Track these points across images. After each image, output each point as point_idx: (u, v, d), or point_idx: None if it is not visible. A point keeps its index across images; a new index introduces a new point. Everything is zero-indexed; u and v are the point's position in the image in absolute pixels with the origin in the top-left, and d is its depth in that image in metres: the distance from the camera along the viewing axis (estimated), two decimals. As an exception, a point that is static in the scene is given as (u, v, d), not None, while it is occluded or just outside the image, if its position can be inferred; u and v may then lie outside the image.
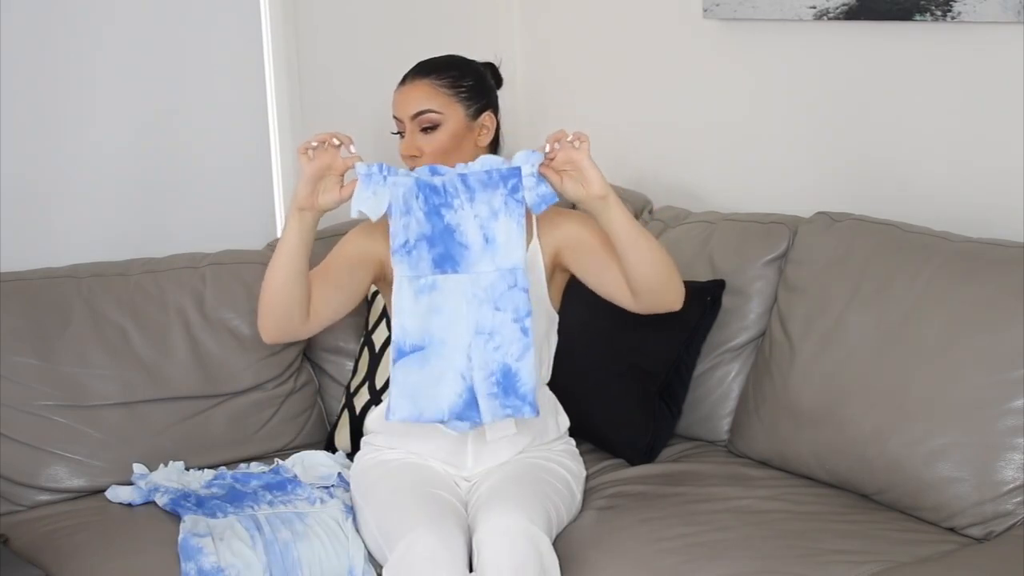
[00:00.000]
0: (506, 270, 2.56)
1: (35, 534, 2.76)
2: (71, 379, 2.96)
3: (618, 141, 3.75)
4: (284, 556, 2.60)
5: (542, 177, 2.55)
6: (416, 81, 2.77)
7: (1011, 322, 2.56)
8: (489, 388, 2.57)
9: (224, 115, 3.53)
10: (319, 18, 3.64)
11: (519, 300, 2.56)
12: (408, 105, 2.76)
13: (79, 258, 3.16)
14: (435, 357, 2.57)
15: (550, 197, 2.56)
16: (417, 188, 2.55)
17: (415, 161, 2.73)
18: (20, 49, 3.23)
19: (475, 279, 2.57)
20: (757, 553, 2.47)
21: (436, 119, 2.74)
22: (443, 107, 2.74)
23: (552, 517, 2.60)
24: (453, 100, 2.75)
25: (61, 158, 3.32)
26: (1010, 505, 2.51)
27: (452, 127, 2.74)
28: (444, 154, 2.73)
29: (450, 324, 2.57)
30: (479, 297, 2.57)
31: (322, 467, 2.94)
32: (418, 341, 2.57)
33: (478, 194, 2.56)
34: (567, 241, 2.73)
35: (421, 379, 2.57)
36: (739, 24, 3.36)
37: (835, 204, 3.07)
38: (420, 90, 2.75)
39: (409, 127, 2.75)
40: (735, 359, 3.06)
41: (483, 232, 2.56)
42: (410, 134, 2.75)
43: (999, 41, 2.83)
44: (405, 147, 2.76)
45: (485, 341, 2.56)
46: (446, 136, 2.74)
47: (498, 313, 2.56)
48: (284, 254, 2.60)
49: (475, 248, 2.57)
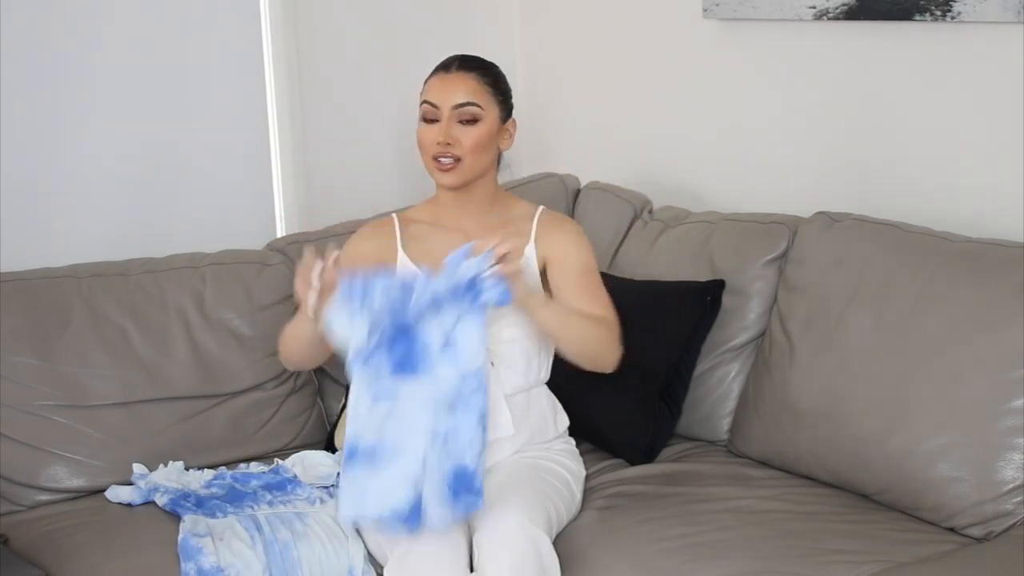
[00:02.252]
0: (470, 373, 2.51)
1: (35, 534, 2.76)
2: (71, 379, 2.96)
3: (618, 141, 3.75)
4: (284, 556, 2.60)
5: (500, 278, 2.50)
6: (462, 72, 2.76)
7: (1011, 322, 2.56)
8: (441, 496, 2.47)
9: (224, 115, 3.53)
10: (319, 18, 3.64)
11: (481, 400, 2.51)
12: (453, 94, 2.73)
13: (79, 258, 3.16)
14: (387, 463, 2.48)
15: (507, 294, 2.52)
16: (388, 304, 2.48)
17: (449, 150, 2.71)
18: (20, 49, 3.23)
19: (436, 383, 2.50)
20: (757, 553, 2.47)
21: (478, 114, 2.73)
22: (485, 104, 2.75)
23: (552, 517, 2.60)
24: (493, 100, 2.76)
25: (61, 158, 3.33)
26: (1010, 505, 2.51)
27: (489, 125, 2.75)
28: (479, 151, 2.73)
29: (407, 431, 2.49)
30: (439, 401, 2.50)
31: (322, 467, 2.94)
32: (372, 444, 2.49)
33: (444, 306, 2.50)
34: (554, 255, 2.77)
35: (370, 482, 2.49)
36: (739, 24, 3.36)
37: (835, 204, 3.07)
38: (466, 82, 2.74)
39: (448, 115, 2.73)
40: (735, 359, 3.06)
41: (445, 336, 2.50)
42: (447, 122, 2.72)
43: (999, 41, 2.83)
44: (440, 134, 2.72)
45: (442, 444, 2.49)
46: (484, 132, 2.74)
47: (458, 415, 2.50)
48: (299, 339, 2.66)
49: (436, 352, 2.51)
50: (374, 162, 3.75)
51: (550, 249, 2.78)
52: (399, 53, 3.74)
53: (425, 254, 2.80)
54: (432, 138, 2.73)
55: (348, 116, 3.71)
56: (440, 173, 2.75)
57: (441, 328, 2.51)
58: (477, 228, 2.80)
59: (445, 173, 2.74)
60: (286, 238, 3.39)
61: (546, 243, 2.78)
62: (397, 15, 3.77)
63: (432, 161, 2.75)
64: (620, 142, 3.74)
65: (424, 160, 2.77)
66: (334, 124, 3.69)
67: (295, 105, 3.60)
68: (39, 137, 3.29)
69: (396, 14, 3.77)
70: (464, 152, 2.72)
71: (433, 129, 2.74)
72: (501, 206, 2.84)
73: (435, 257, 2.79)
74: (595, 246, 3.20)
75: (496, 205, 2.83)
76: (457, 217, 2.81)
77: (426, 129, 2.75)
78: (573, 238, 2.80)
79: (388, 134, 3.72)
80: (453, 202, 2.81)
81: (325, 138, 3.68)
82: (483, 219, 2.81)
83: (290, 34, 3.57)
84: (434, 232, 2.83)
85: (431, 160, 2.75)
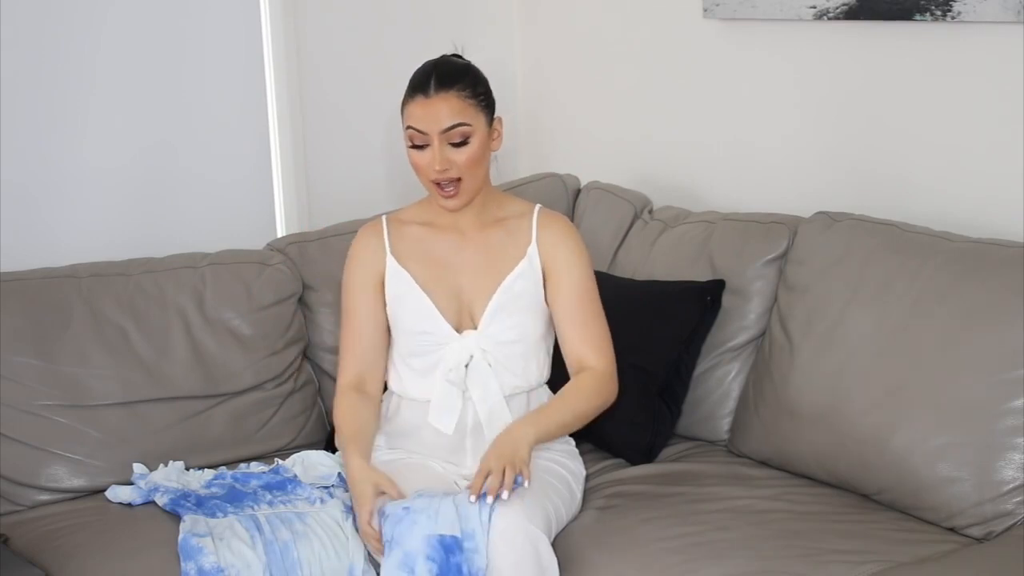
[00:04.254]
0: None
1: (35, 534, 2.76)
2: (71, 379, 2.96)
3: (618, 141, 3.75)
4: (284, 556, 2.60)
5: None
6: (443, 93, 2.67)
7: (1011, 322, 2.56)
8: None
9: (224, 115, 3.53)
10: (319, 19, 3.64)
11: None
12: (438, 120, 2.66)
13: (79, 258, 3.16)
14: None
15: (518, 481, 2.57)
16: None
17: (446, 175, 2.68)
18: (20, 49, 3.23)
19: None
20: (757, 553, 2.47)
21: (467, 132, 2.68)
22: (472, 119, 2.69)
23: (551, 517, 2.60)
24: (477, 110, 2.70)
25: (61, 158, 3.33)
26: (1010, 505, 2.51)
27: (480, 137, 2.70)
28: (476, 165, 2.70)
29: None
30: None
31: (322, 467, 2.94)
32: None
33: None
34: (556, 268, 2.77)
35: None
36: (739, 24, 3.36)
37: (835, 204, 3.07)
38: (449, 103, 2.67)
39: (437, 140, 2.67)
40: (735, 359, 3.06)
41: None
42: (439, 148, 2.67)
43: (999, 41, 2.83)
44: (435, 160, 2.67)
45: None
46: (476, 147, 2.70)
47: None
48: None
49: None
50: (374, 162, 3.75)
51: (552, 260, 2.78)
52: (398, 54, 3.73)
53: (420, 257, 2.80)
54: (427, 163, 2.69)
55: (348, 116, 3.71)
56: (444, 199, 2.72)
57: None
58: (472, 228, 2.80)
59: (450, 199, 2.72)
60: (286, 238, 3.38)
61: (547, 248, 2.78)
62: (396, 16, 3.77)
63: (433, 185, 2.72)
64: (620, 142, 3.74)
65: (423, 182, 2.74)
66: (334, 124, 3.69)
67: (295, 105, 3.60)
68: (39, 137, 3.29)
69: (395, 15, 3.77)
70: (462, 171, 2.69)
71: (426, 155, 2.69)
72: (496, 204, 2.83)
73: (430, 259, 2.80)
74: (595, 246, 3.21)
75: (491, 203, 2.83)
76: (452, 217, 2.81)
77: (418, 155, 2.70)
78: (574, 250, 2.79)
79: (387, 134, 3.71)
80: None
81: (325, 138, 3.68)
82: (479, 217, 2.81)
83: (290, 34, 3.57)
84: (428, 232, 2.82)
85: (431, 184, 2.72)
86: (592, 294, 2.80)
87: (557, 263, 2.78)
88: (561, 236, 2.80)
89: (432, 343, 2.76)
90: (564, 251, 2.78)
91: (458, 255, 2.79)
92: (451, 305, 2.77)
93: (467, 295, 2.78)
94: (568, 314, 2.77)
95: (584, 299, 2.78)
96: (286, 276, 3.21)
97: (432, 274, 2.78)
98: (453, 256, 2.79)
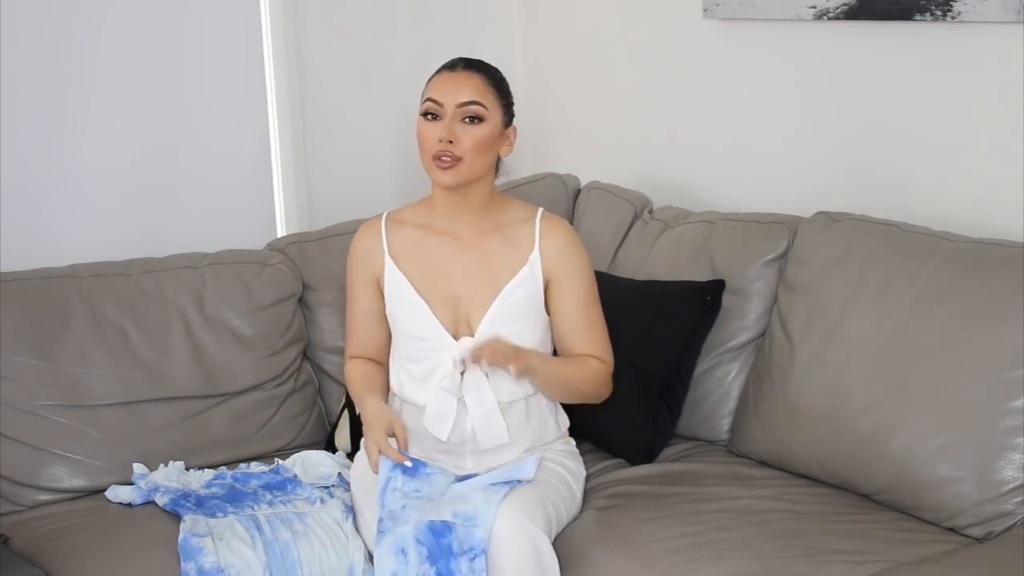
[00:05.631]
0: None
1: (35, 534, 2.76)
2: (71, 379, 2.96)
3: (618, 141, 3.75)
4: (284, 556, 2.60)
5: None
6: (469, 72, 2.74)
7: (1011, 322, 2.56)
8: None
9: (224, 115, 3.53)
10: (319, 19, 3.64)
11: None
12: (458, 92, 2.72)
13: (79, 258, 3.16)
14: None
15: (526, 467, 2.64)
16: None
17: (448, 147, 2.69)
18: (20, 49, 3.23)
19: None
20: (757, 553, 2.48)
21: (482, 113, 2.72)
22: (490, 105, 2.73)
23: (552, 517, 2.60)
24: (497, 102, 2.75)
25: (61, 158, 3.33)
26: (1010, 505, 2.51)
27: (491, 127, 2.73)
28: (480, 151, 2.71)
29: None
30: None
31: (322, 467, 2.94)
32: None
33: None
34: (559, 278, 2.78)
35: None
36: (739, 24, 3.36)
37: (835, 204, 3.07)
38: (473, 81, 2.73)
39: (452, 113, 2.70)
40: (735, 359, 3.06)
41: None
42: (451, 119, 2.70)
43: (999, 41, 2.83)
44: (443, 131, 2.70)
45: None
46: (486, 133, 2.72)
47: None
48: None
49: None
50: (374, 162, 3.75)
51: (557, 269, 2.77)
52: (399, 54, 3.74)
53: (417, 261, 2.80)
54: (434, 135, 2.71)
55: (348, 116, 3.71)
56: (439, 171, 2.72)
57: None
58: (470, 234, 2.80)
59: (444, 171, 2.71)
60: (286, 238, 3.39)
61: (551, 257, 2.77)
62: (397, 16, 3.77)
63: (431, 159, 2.73)
64: (620, 142, 3.74)
65: (423, 158, 2.75)
66: (334, 125, 3.70)
67: (295, 105, 3.60)
68: (39, 137, 3.29)
69: (396, 15, 3.77)
70: (465, 152, 2.70)
71: (436, 126, 2.71)
72: (497, 210, 2.82)
73: (427, 265, 2.79)
74: (595, 246, 3.21)
75: (492, 210, 2.82)
76: (450, 221, 2.80)
77: (428, 126, 2.73)
78: (578, 259, 2.79)
79: (388, 134, 3.72)
80: (447, 204, 2.80)
81: (325, 139, 3.68)
82: (477, 223, 2.80)
83: (290, 34, 3.57)
84: (425, 236, 2.82)
85: (430, 159, 2.73)
86: (594, 301, 2.80)
87: (561, 274, 2.78)
88: (565, 245, 2.79)
89: (428, 349, 2.76)
90: (568, 261, 2.78)
91: (455, 262, 2.79)
92: (448, 312, 2.77)
93: (464, 302, 2.77)
94: (571, 322, 2.78)
95: (588, 308, 2.79)
96: (286, 276, 3.21)
97: (429, 280, 2.78)
98: (450, 263, 2.79)
